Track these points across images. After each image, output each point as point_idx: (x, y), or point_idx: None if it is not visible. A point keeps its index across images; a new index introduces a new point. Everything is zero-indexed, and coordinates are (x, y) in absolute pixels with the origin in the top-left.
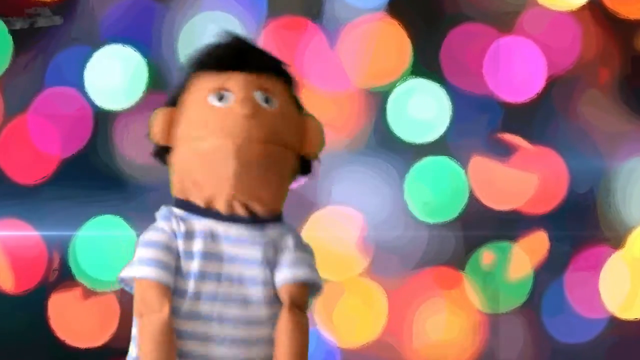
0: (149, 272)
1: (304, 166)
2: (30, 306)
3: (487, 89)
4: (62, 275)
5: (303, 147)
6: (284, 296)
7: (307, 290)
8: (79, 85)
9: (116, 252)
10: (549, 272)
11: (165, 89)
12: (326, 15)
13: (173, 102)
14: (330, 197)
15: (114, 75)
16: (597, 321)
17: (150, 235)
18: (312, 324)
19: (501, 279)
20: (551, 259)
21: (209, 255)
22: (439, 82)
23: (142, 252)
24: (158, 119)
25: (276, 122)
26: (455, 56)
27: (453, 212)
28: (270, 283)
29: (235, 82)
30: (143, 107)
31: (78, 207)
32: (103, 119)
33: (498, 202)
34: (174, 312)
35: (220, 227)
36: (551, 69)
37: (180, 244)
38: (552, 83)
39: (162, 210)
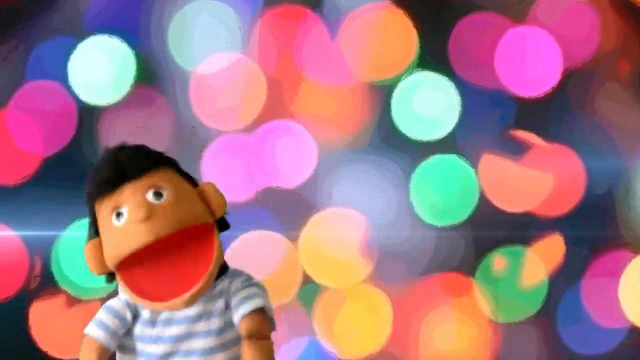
0: (92, 331)
1: (222, 224)
2: (10, 315)
3: (499, 83)
4: (44, 282)
5: (211, 214)
6: (242, 332)
7: (262, 317)
8: (62, 78)
9: None
10: (565, 278)
11: (154, 83)
12: (327, 4)
13: (94, 232)
14: (331, 199)
15: (99, 68)
16: (616, 331)
17: (110, 301)
18: (312, 334)
19: (514, 285)
20: (567, 265)
21: (167, 322)
22: (447, 76)
23: (98, 313)
24: (87, 255)
25: (174, 210)
26: (465, 47)
27: (462, 214)
28: (223, 330)
29: (125, 195)
30: (131, 102)
31: (61, 208)
32: (88, 115)
33: (510, 203)
34: None
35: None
36: (567, 61)
37: (144, 313)
38: (568, 76)
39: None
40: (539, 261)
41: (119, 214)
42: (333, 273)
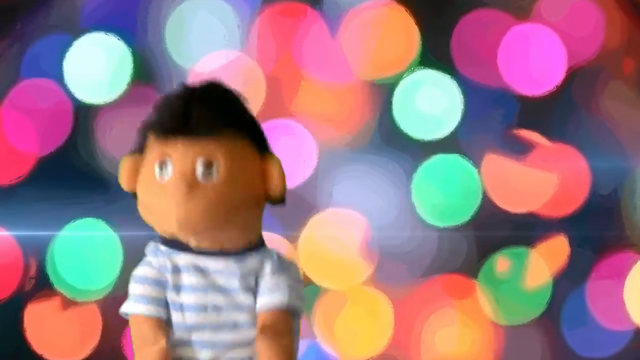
0: (141, 309)
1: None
2: (4, 317)
3: (502, 81)
4: (39, 284)
5: (264, 189)
6: (258, 324)
7: (282, 316)
8: (58, 76)
9: (98, 258)
10: (570, 280)
11: (151, 81)
12: (327, 1)
13: (139, 148)
14: (331, 199)
15: (95, 66)
16: (621, 334)
17: (140, 270)
18: (311, 337)
19: (517, 287)
20: (572, 266)
21: (194, 288)
22: (449, 74)
23: (134, 289)
24: (123, 167)
25: (216, 196)
26: (468, 45)
27: (465, 214)
28: (254, 308)
29: (174, 152)
30: (127, 100)
31: (57, 209)
32: (84, 114)
33: (514, 203)
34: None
35: (200, 261)
36: (572, 59)
37: (169, 278)
38: (573, 74)
39: (150, 246)
40: (543, 262)
41: (162, 166)
42: (333, 274)
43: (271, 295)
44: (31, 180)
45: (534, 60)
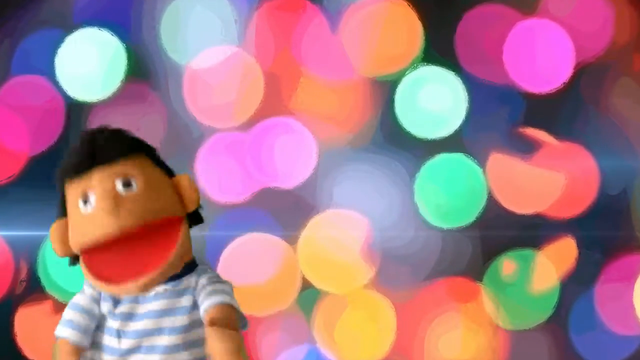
0: (66, 333)
1: (194, 217)
2: None
3: (508, 78)
4: (30, 287)
5: (183, 207)
6: (206, 322)
7: (226, 310)
8: (50, 73)
9: None
10: (578, 283)
11: (146, 78)
12: None
13: (63, 212)
14: (331, 199)
15: (88, 63)
16: (630, 339)
17: (75, 297)
18: (311, 342)
19: (523, 291)
20: (580, 269)
21: (130, 316)
22: (453, 70)
23: (65, 313)
24: (52, 235)
25: (142, 202)
26: (472, 41)
27: (469, 215)
28: (188, 328)
29: (93, 181)
30: (121, 98)
31: (48, 209)
32: (76, 112)
33: (520, 204)
34: None
35: None
36: (579, 55)
37: (105, 307)
38: (581, 71)
39: None
40: (550, 265)
41: (86, 200)
42: (334, 278)
43: (214, 297)
44: (22, 179)
45: (541, 56)
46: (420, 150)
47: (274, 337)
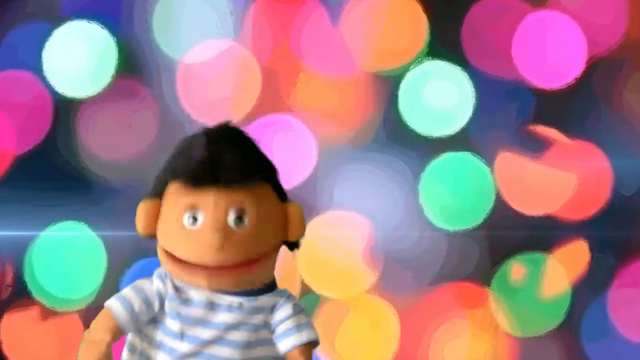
0: (114, 306)
1: (294, 243)
2: None
3: (517, 73)
4: (16, 292)
5: (285, 235)
6: (288, 356)
7: (311, 352)
8: (36, 68)
9: (80, 264)
10: (590, 288)
11: (137, 73)
12: None
13: (156, 192)
14: (331, 200)
15: (77, 57)
16: None
17: (141, 281)
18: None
19: (533, 296)
20: (592, 273)
21: (199, 321)
22: (460, 65)
23: (127, 290)
24: (141, 212)
25: (249, 242)
26: (480, 34)
27: (476, 217)
28: (251, 345)
29: (206, 202)
30: (112, 94)
31: (35, 211)
32: (64, 109)
33: (529, 205)
34: None
35: (215, 297)
36: (592, 49)
37: (168, 305)
38: (593, 66)
39: (161, 270)
40: (561, 269)
41: (193, 217)
42: (334, 282)
43: (300, 333)
44: (8, 180)
45: (552, 50)
46: (425, 149)
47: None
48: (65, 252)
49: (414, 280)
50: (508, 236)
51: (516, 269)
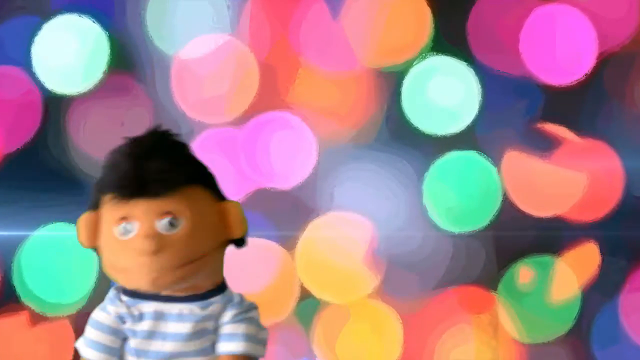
0: (91, 355)
1: (238, 240)
2: None
3: (525, 69)
4: (4, 297)
5: (226, 234)
6: None
7: None
8: (26, 64)
9: (71, 267)
10: (601, 292)
11: (130, 69)
12: None
13: (94, 205)
14: (332, 201)
15: (68, 52)
16: None
17: (97, 315)
18: (310, 356)
19: (542, 301)
20: (603, 277)
21: (152, 334)
22: (465, 61)
23: (89, 332)
24: (80, 226)
25: (184, 244)
26: (486, 28)
27: (483, 218)
28: (204, 352)
29: (136, 213)
30: (103, 90)
31: (24, 212)
32: (55, 106)
33: (538, 206)
34: None
35: (166, 307)
36: (603, 44)
37: (129, 326)
38: (604, 61)
39: (111, 293)
40: (571, 272)
41: (125, 228)
42: (335, 286)
43: (230, 343)
44: None
45: (561, 45)
46: (429, 147)
47: (270, 351)
48: (55, 255)
49: (417, 284)
50: (515, 238)
51: (524, 272)
